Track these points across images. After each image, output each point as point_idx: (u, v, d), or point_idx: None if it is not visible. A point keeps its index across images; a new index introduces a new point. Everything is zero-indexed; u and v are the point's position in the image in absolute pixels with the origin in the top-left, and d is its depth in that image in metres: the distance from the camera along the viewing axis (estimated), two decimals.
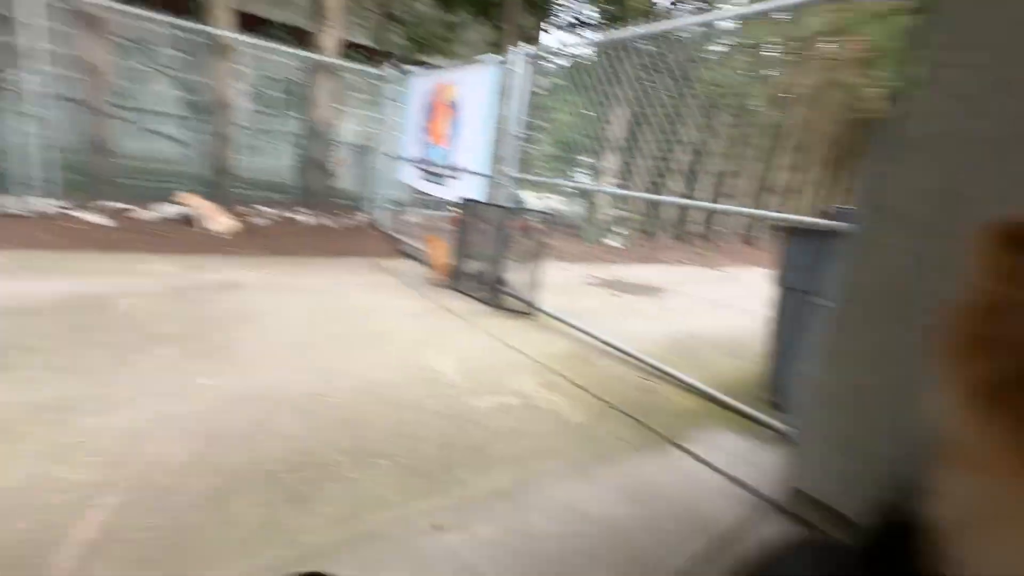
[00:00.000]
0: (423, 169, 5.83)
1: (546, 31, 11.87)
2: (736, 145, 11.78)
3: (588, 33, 11.72)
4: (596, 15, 11.56)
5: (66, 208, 5.16)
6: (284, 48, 6.94)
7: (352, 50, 8.49)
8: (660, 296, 5.58)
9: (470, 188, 4.91)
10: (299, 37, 8.12)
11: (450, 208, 7.18)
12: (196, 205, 5.49)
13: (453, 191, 5.13)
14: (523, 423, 2.23)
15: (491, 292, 4.20)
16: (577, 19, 11.99)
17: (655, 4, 10.40)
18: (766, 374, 2.76)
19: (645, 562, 1.51)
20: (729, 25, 8.96)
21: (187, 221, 5.41)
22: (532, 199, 10.64)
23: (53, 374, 2.11)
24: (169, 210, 5.70)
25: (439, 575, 1.35)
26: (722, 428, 2.43)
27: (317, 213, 6.88)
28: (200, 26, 6.38)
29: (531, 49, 4.20)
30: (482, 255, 4.43)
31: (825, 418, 1.73)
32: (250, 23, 7.52)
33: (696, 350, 3.50)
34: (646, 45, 3.66)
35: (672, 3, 10.70)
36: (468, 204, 4.54)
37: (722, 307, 5.32)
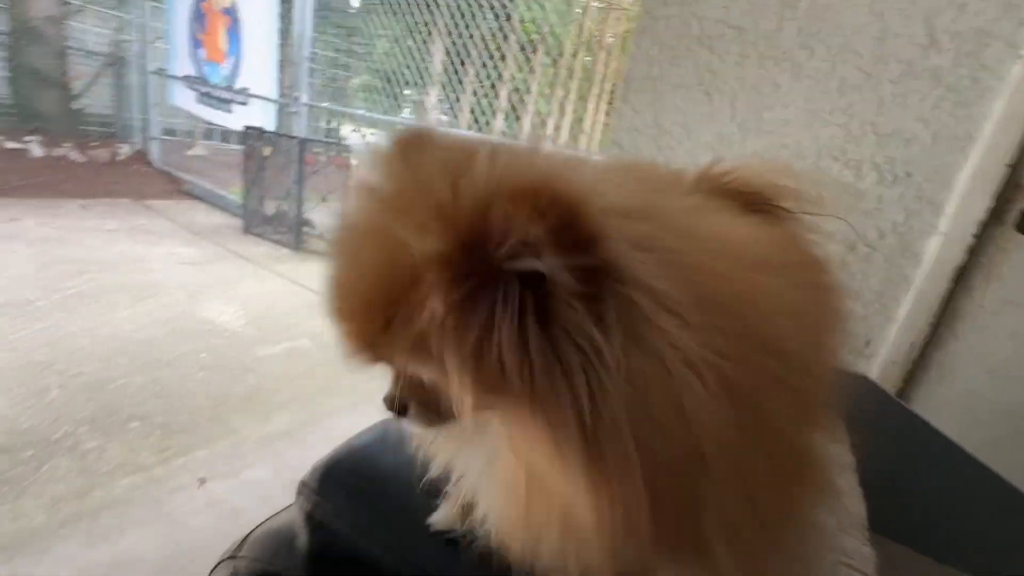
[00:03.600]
0: (199, 90, 4.89)
1: None
2: (554, 87, 12.38)
3: None
4: None
5: None
6: None
7: None
8: None
9: (260, 116, 4.30)
10: None
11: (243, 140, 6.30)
12: None
13: (238, 118, 4.44)
14: (313, 366, 2.17)
15: (292, 233, 3.86)
16: None
17: None
18: None
19: None
20: None
21: None
22: (354, 136, 9.84)
23: None
24: None
25: (196, 526, 1.28)
26: None
27: (52, 142, 5.35)
28: None
29: None
30: (280, 194, 3.99)
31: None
32: None
33: None
34: None
35: None
36: (255, 133, 3.99)
37: None
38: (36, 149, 5.18)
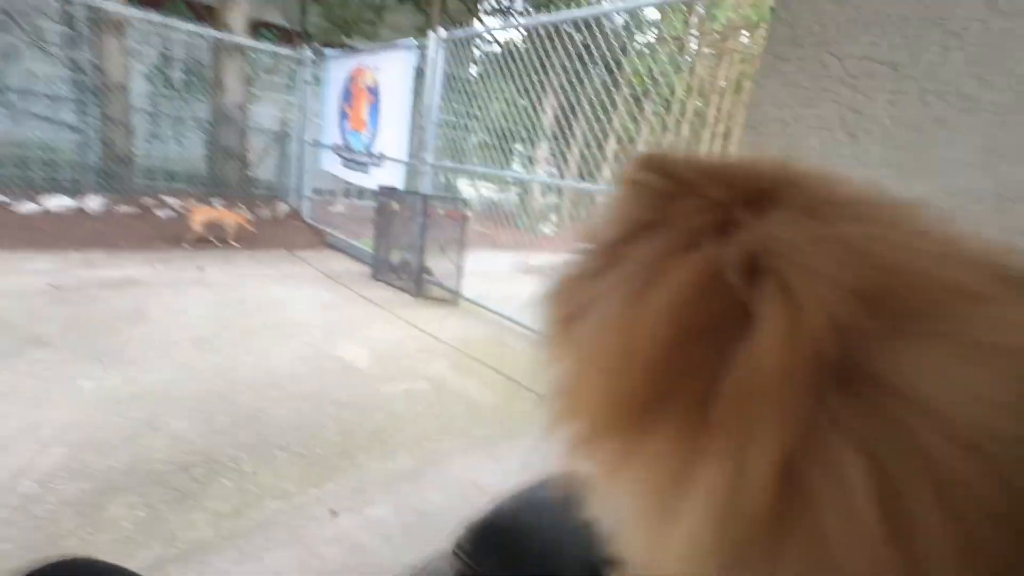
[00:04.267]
0: (344, 156, 5.65)
1: (477, 16, 11.75)
2: (664, 134, 12.30)
3: (516, 19, 11.73)
4: (523, 2, 11.58)
5: None
6: (184, 24, 6.44)
7: (264, 29, 8.02)
8: None
9: (392, 176, 4.83)
10: (202, 13, 7.56)
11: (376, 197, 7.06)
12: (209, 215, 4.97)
13: (375, 179, 5.02)
14: (431, 407, 2.27)
15: (414, 281, 4.18)
16: (505, 6, 11.96)
17: None
18: None
19: None
20: (655, 16, 9.30)
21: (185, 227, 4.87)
22: (468, 189, 10.61)
23: None
24: (52, 203, 5.18)
25: (327, 557, 1.36)
26: None
27: (232, 204, 6.49)
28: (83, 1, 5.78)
29: (449, 34, 4.16)
30: (405, 244, 4.39)
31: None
32: None
33: None
34: (574, 32, 3.72)
35: None
36: (387, 191, 4.47)
37: None
38: (178, 210, 6.29)
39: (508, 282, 4.72)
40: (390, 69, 4.75)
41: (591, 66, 3.88)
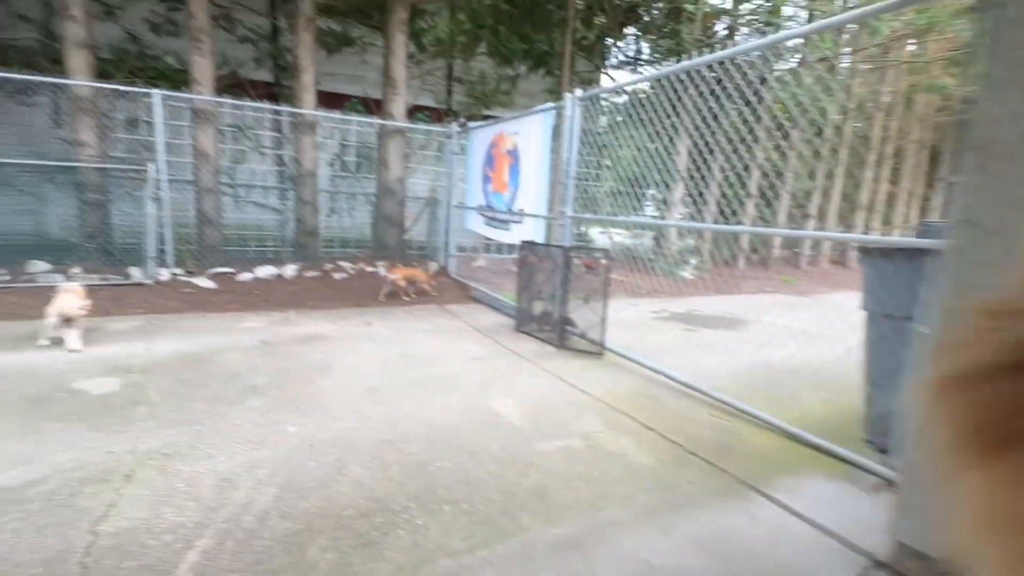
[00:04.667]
0: (487, 216, 6.06)
1: (605, 72, 12.14)
2: (816, 163, 11.13)
3: (645, 69, 11.82)
4: (651, 51, 11.68)
5: (180, 275, 5.91)
6: (358, 118, 7.70)
7: (418, 111, 9.19)
8: (739, 328, 5.25)
9: (532, 231, 5.02)
10: (371, 107, 8.95)
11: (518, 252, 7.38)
12: (403, 274, 5.81)
13: (516, 235, 5.27)
14: (589, 467, 2.16)
15: (557, 332, 4.19)
16: (633, 57, 12.17)
17: (715, 34, 10.35)
18: (862, 410, 2.48)
19: None
20: (797, 41, 8.68)
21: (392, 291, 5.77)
22: (601, 237, 10.63)
23: (162, 424, 2.38)
24: (261, 271, 6.34)
25: None
26: (811, 472, 2.20)
27: (391, 265, 7.32)
28: (290, 108, 7.25)
29: (583, 92, 4.32)
30: (546, 296, 4.46)
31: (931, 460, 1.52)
32: (329, 100, 8.42)
33: (779, 385, 3.24)
34: (708, 72, 3.63)
35: (728, 30, 10.57)
36: (528, 246, 4.63)
37: (809, 337, 4.88)
38: (381, 271, 7.12)
39: (651, 332, 4.49)
40: (529, 132, 5.05)
41: (726, 102, 3.68)
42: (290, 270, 6.54)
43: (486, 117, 7.00)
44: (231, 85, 7.79)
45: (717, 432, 2.58)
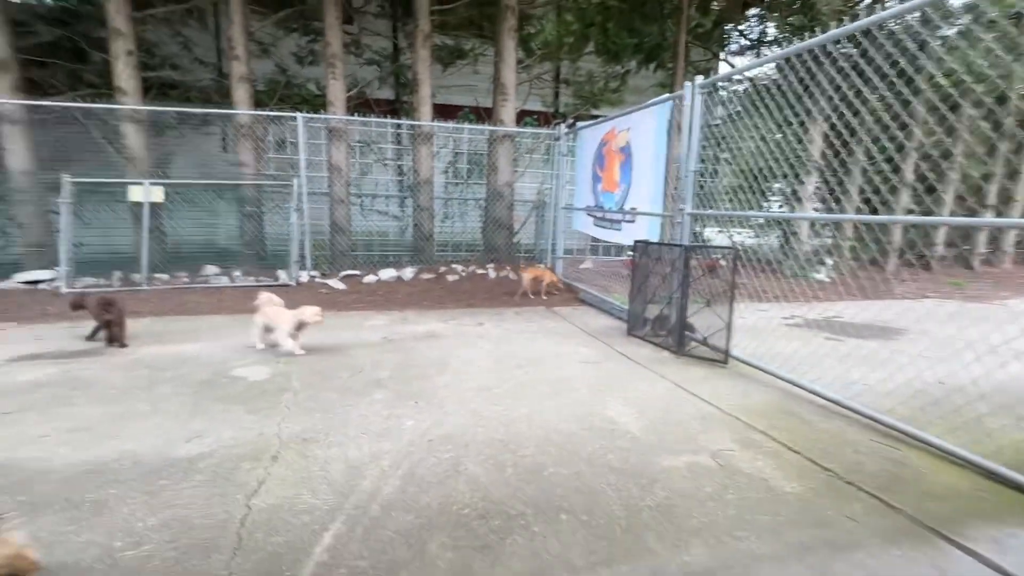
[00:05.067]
0: (596, 216, 5.90)
1: (725, 60, 11.29)
2: (997, 140, 9.23)
3: (771, 51, 10.77)
4: (777, 32, 10.60)
5: (316, 277, 6.57)
6: (470, 126, 7.98)
7: (527, 116, 9.30)
8: (895, 338, 4.47)
9: (645, 230, 4.77)
10: (482, 115, 9.24)
11: (628, 252, 7.08)
12: (534, 274, 6.02)
13: (628, 235, 5.05)
14: (721, 488, 1.93)
15: (674, 338, 3.91)
16: (756, 40, 11.15)
17: (859, 2, 9.10)
18: None
19: None
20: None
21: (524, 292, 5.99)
22: (717, 236, 9.87)
23: (302, 411, 2.60)
24: (383, 274, 6.82)
25: None
26: (1016, 518, 1.74)
27: (499, 267, 7.46)
28: (409, 121, 7.75)
29: (703, 80, 4.00)
30: (662, 298, 4.19)
31: None
32: (444, 112, 8.86)
33: (958, 409, 2.66)
34: (848, 48, 3.15)
35: None
36: (642, 246, 4.39)
37: (993, 351, 3.97)
38: (491, 272, 7.29)
39: (783, 340, 3.99)
40: (643, 126, 4.81)
41: (872, 79, 3.12)
42: (408, 273, 6.95)
43: (594, 117, 6.85)
44: (359, 104, 8.54)
45: (882, 461, 2.17)
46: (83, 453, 2.12)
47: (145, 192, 6.08)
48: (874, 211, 7.99)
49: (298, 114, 6.65)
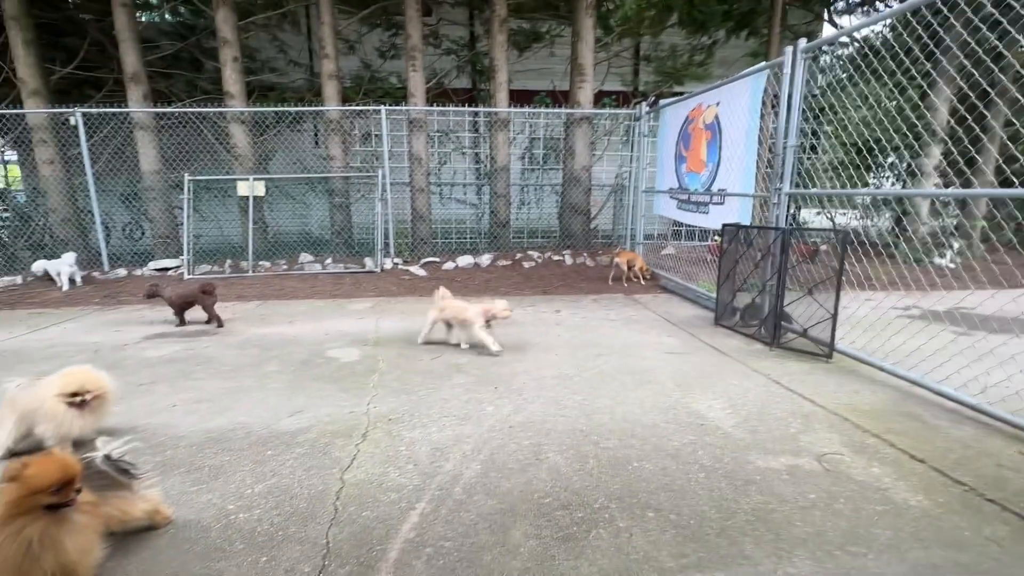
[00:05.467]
0: (680, 199, 5.59)
1: (829, 20, 10.17)
2: None
3: (886, 6, 9.53)
4: None
5: (399, 264, 6.85)
6: (547, 110, 7.86)
7: (604, 97, 8.99)
8: None
9: (735, 212, 4.44)
10: (558, 98, 9.07)
11: (714, 236, 6.68)
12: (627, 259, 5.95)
13: (715, 218, 4.73)
14: (828, 496, 1.75)
15: (768, 329, 3.62)
16: None
17: None
18: None
19: None
20: None
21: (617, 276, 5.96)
22: (815, 218, 8.99)
23: (388, 392, 2.72)
24: (461, 261, 6.96)
25: None
26: None
27: (576, 253, 7.34)
28: (485, 109, 7.79)
29: (807, 44, 3.59)
30: (754, 286, 3.89)
31: None
32: (520, 97, 8.79)
33: None
34: None
35: None
36: (732, 230, 4.09)
37: None
38: (567, 259, 7.19)
39: (898, 333, 3.55)
40: (734, 100, 4.45)
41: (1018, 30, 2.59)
42: (485, 259, 7.05)
43: (676, 94, 6.45)
44: (438, 95, 8.72)
45: None
46: (205, 423, 2.36)
47: (250, 187, 6.66)
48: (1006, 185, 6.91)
49: (381, 107, 6.91)
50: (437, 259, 7.08)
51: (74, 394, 1.96)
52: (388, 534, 1.58)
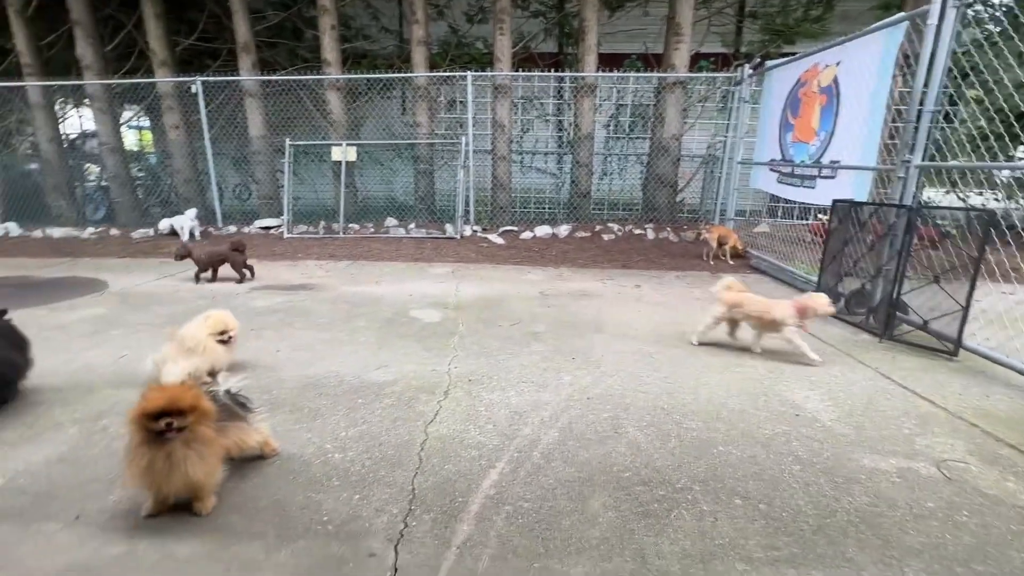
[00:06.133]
0: (782, 172, 5.11)
1: None
2: None
3: None
4: None
5: (478, 231, 6.94)
6: (635, 75, 7.44)
7: (701, 60, 8.33)
8: None
9: (849, 187, 3.98)
10: (650, 61, 8.54)
11: (819, 215, 6.11)
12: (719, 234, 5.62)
13: (824, 193, 4.28)
14: (948, 506, 1.56)
15: (880, 318, 3.26)
16: None
17: None
18: None
19: None
20: None
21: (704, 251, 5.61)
22: (942, 197, 7.89)
23: (468, 354, 2.78)
24: (539, 230, 6.90)
25: None
26: None
27: (659, 228, 7.02)
28: (573, 73, 7.52)
29: None
30: (865, 271, 3.50)
31: None
32: (609, 61, 8.38)
33: None
34: None
35: None
36: (844, 207, 3.67)
37: None
38: (649, 233, 6.90)
39: None
40: (859, 59, 3.93)
41: None
42: (563, 230, 6.95)
43: (785, 55, 5.79)
44: (523, 60, 8.54)
45: None
46: (304, 369, 2.57)
47: (343, 152, 6.99)
48: None
49: (468, 73, 6.90)
50: (515, 228, 7.09)
51: (222, 332, 2.35)
52: (469, 488, 1.63)
